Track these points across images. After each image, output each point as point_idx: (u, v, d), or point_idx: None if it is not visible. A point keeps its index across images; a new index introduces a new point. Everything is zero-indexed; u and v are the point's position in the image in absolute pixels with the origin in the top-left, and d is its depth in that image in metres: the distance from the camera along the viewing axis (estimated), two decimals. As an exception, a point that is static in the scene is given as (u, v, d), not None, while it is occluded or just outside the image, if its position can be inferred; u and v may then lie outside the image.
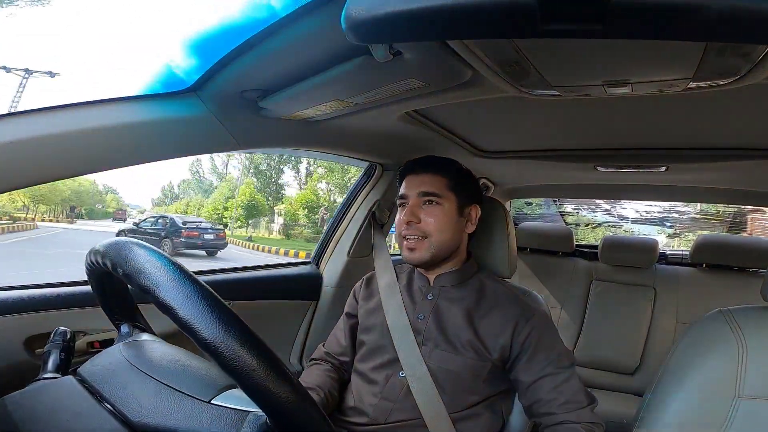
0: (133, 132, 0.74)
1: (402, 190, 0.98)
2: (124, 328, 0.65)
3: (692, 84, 0.69)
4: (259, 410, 0.41)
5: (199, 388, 0.48)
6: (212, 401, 0.46)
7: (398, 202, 0.99)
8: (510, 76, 0.71)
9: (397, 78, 0.73)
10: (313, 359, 1.08)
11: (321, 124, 1.01)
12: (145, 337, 0.63)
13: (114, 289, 0.63)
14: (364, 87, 0.77)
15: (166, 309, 0.41)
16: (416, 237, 0.93)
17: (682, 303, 1.91)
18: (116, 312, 0.65)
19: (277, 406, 0.39)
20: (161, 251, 0.47)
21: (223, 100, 0.82)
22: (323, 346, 1.10)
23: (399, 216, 0.97)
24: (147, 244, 0.48)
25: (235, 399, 0.46)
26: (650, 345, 1.89)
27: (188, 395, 0.47)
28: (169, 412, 0.45)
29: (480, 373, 0.90)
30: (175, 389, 0.48)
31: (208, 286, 0.43)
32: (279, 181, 21.61)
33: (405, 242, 0.95)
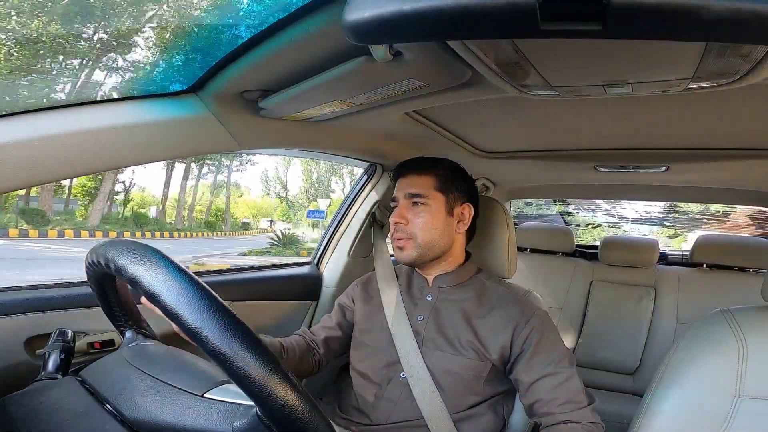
0: (133, 132, 0.74)
1: (394, 193, 1.00)
2: (128, 334, 0.65)
3: (692, 84, 0.69)
4: (251, 402, 0.42)
5: (193, 382, 0.48)
6: (205, 395, 0.46)
7: (391, 204, 1.01)
8: (510, 76, 0.71)
9: (397, 78, 0.73)
10: None
11: (321, 125, 1.01)
12: (148, 342, 0.63)
13: (114, 290, 0.63)
14: (364, 87, 0.77)
15: (172, 316, 0.41)
16: (403, 237, 0.95)
17: (683, 303, 1.90)
18: (119, 317, 0.65)
19: (268, 398, 0.39)
20: (162, 252, 0.47)
21: (223, 101, 0.82)
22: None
23: (392, 218, 0.99)
24: (148, 245, 0.48)
25: (228, 393, 0.47)
26: (650, 345, 1.89)
27: (181, 389, 0.47)
28: (163, 406, 0.46)
29: (480, 374, 0.90)
30: (169, 384, 0.48)
31: (207, 287, 0.43)
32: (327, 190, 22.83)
33: (395, 242, 0.97)
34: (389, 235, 1.00)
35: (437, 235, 0.95)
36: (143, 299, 0.64)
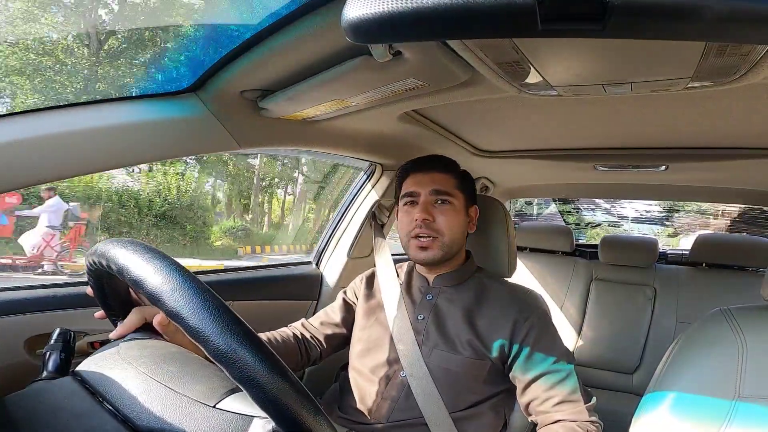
0: (133, 132, 0.74)
1: (410, 188, 0.96)
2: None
3: (691, 84, 0.69)
4: (264, 415, 0.42)
5: (204, 392, 0.48)
6: (217, 406, 0.46)
7: (405, 200, 0.97)
8: (510, 76, 0.71)
9: (397, 78, 0.73)
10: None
11: (321, 124, 1.01)
12: (145, 335, 0.62)
13: (115, 291, 0.63)
14: (364, 87, 0.77)
15: (174, 317, 0.41)
16: (429, 236, 0.92)
17: (683, 302, 1.91)
18: (113, 307, 0.65)
19: (286, 416, 0.39)
20: (165, 253, 0.47)
21: (223, 100, 0.82)
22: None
23: (408, 214, 0.95)
24: (150, 246, 0.48)
25: (240, 403, 0.46)
26: (650, 344, 1.89)
27: (193, 399, 0.47)
28: (175, 417, 0.45)
29: (479, 373, 0.90)
30: (180, 393, 0.47)
31: (217, 295, 0.43)
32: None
33: (416, 241, 0.93)
34: (405, 232, 0.96)
35: (459, 234, 0.95)
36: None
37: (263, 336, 0.98)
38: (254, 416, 0.44)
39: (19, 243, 5.26)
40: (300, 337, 1.04)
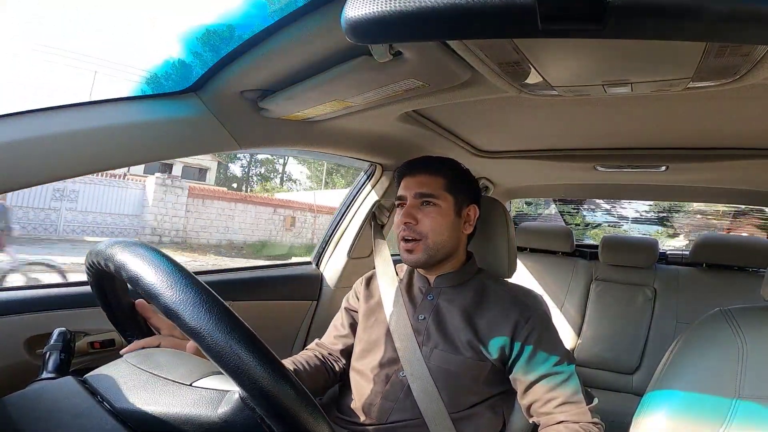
0: (133, 132, 0.74)
1: (400, 191, 0.99)
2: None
3: (692, 84, 0.69)
4: (236, 388, 0.42)
5: (184, 374, 0.49)
6: (193, 384, 0.47)
7: (396, 203, 0.99)
8: (510, 76, 0.71)
9: (397, 78, 0.73)
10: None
11: (321, 124, 1.01)
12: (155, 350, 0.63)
13: (114, 291, 0.63)
14: (364, 87, 0.77)
15: (171, 316, 0.42)
16: (413, 238, 0.94)
17: (683, 303, 1.90)
18: (123, 323, 0.65)
19: (243, 374, 0.40)
20: (161, 250, 0.47)
21: (223, 101, 0.82)
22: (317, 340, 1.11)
23: (398, 217, 0.97)
24: (148, 244, 0.48)
25: (217, 381, 0.47)
26: (650, 345, 1.89)
27: (171, 380, 0.48)
28: (151, 396, 0.46)
29: (479, 374, 0.90)
30: (159, 376, 0.49)
31: (214, 293, 0.43)
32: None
33: (403, 243, 0.95)
34: (396, 235, 0.98)
35: (446, 236, 0.95)
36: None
37: (288, 363, 0.96)
38: (228, 390, 0.45)
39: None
40: (321, 357, 1.04)
